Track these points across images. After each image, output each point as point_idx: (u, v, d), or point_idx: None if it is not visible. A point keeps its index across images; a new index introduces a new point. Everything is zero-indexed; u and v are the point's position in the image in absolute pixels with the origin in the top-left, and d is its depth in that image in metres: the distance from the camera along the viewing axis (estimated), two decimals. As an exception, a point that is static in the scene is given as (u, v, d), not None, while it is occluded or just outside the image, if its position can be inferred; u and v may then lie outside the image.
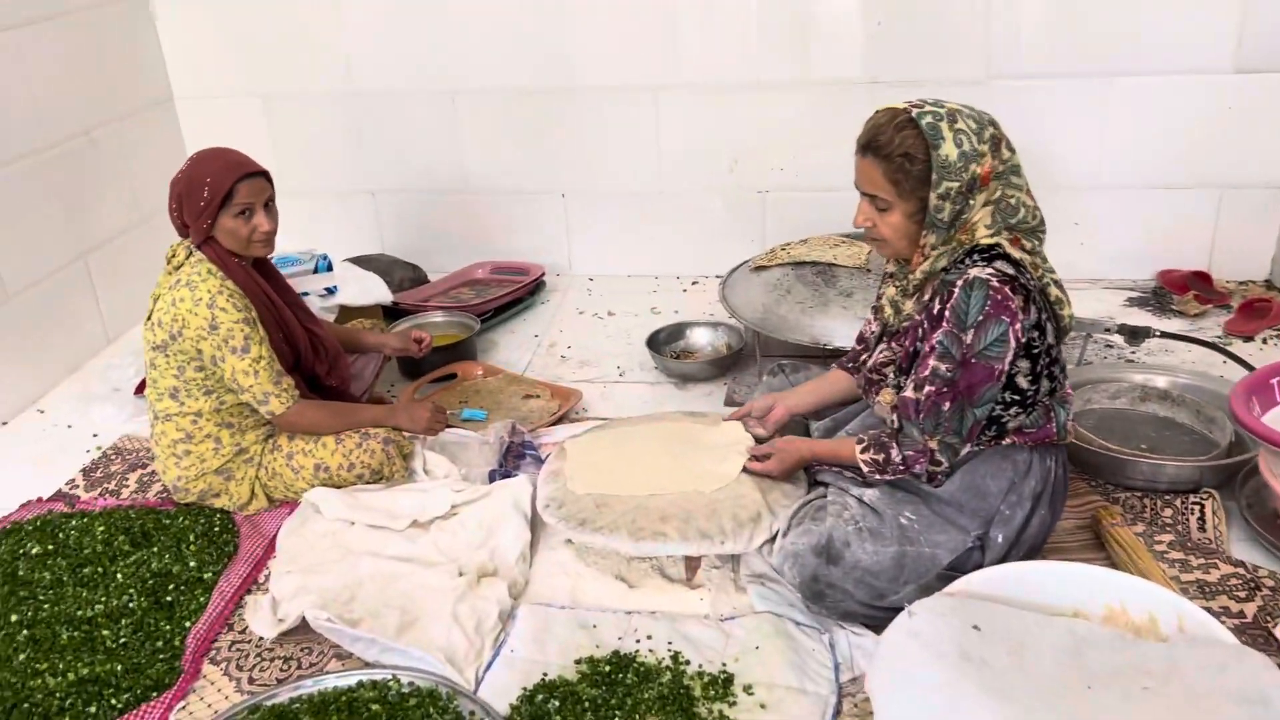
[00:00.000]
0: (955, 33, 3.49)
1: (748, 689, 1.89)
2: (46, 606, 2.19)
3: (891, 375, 2.09)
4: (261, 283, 2.49)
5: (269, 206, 2.43)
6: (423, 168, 4.03)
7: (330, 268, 3.48)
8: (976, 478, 2.00)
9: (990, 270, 1.85)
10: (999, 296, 1.83)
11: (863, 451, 2.03)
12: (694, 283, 3.97)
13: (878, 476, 2.02)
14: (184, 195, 2.38)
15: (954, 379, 1.87)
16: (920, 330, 1.98)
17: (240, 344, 2.36)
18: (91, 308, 3.56)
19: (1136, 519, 2.33)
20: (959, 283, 1.86)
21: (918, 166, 1.85)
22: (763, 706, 1.85)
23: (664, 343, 3.33)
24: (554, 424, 2.91)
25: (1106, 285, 3.70)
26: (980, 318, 1.83)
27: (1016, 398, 1.96)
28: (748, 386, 3.04)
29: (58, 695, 1.96)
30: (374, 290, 3.39)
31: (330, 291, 3.28)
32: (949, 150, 1.84)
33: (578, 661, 1.99)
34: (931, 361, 1.89)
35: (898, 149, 1.86)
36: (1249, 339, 3.23)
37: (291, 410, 2.45)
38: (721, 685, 1.90)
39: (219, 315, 2.34)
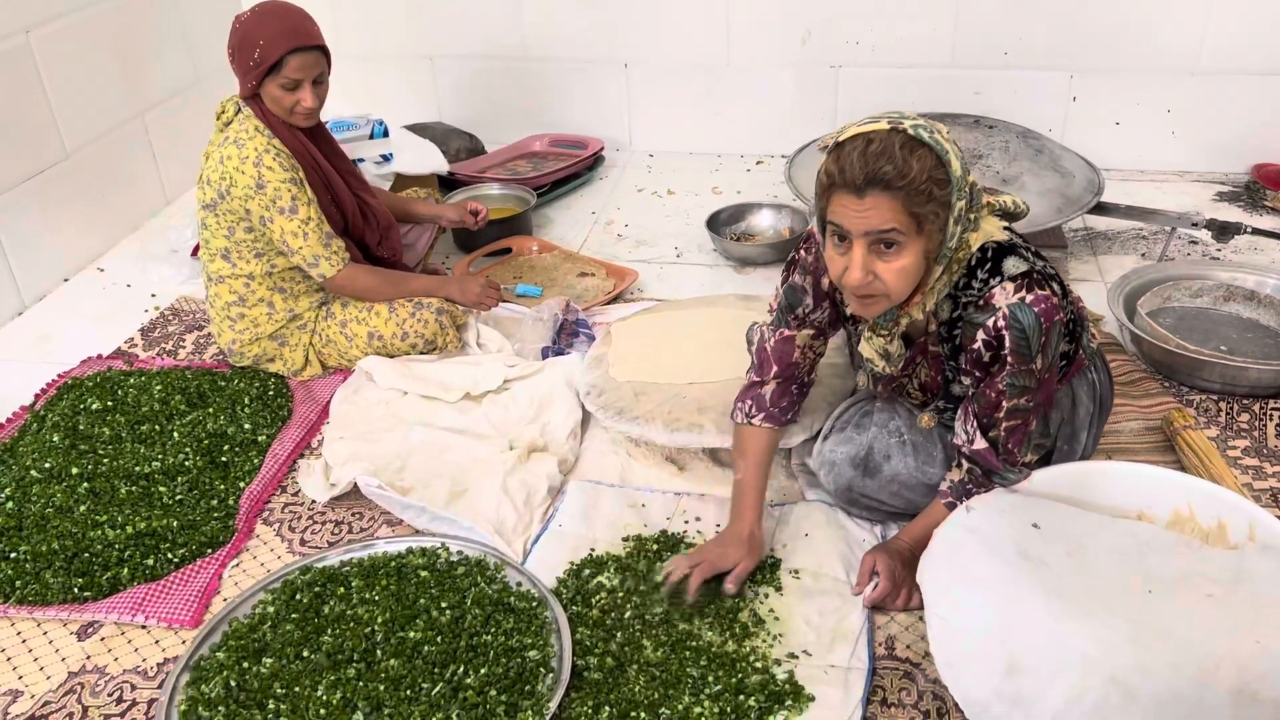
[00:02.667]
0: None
1: (794, 573, 1.88)
2: (106, 461, 2.24)
3: (920, 395, 1.89)
4: (309, 145, 2.44)
5: (318, 83, 2.36)
6: (482, 33, 3.91)
7: (386, 134, 3.42)
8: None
9: (1012, 287, 1.62)
10: (1042, 306, 1.60)
11: (950, 505, 1.76)
12: (758, 162, 3.86)
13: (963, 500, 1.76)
14: (237, 48, 2.33)
15: (1034, 404, 1.69)
16: (948, 363, 1.76)
17: (288, 204, 2.34)
18: (149, 167, 3.55)
19: (1210, 423, 2.25)
20: (1000, 324, 1.61)
21: (943, 192, 1.52)
22: (808, 593, 1.84)
23: (724, 224, 3.25)
24: (608, 303, 2.87)
25: (1195, 178, 3.52)
26: (1042, 339, 1.61)
27: (1064, 363, 1.84)
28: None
29: (117, 547, 2.01)
30: (430, 159, 3.34)
31: (386, 159, 3.23)
32: (956, 164, 1.54)
33: (625, 539, 1.99)
34: (1007, 403, 1.67)
35: (919, 176, 1.49)
36: (1345, 240, 3.06)
37: (342, 274, 2.44)
38: (768, 569, 1.89)
39: (265, 174, 2.32)
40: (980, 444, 1.73)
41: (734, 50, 3.74)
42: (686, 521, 2.03)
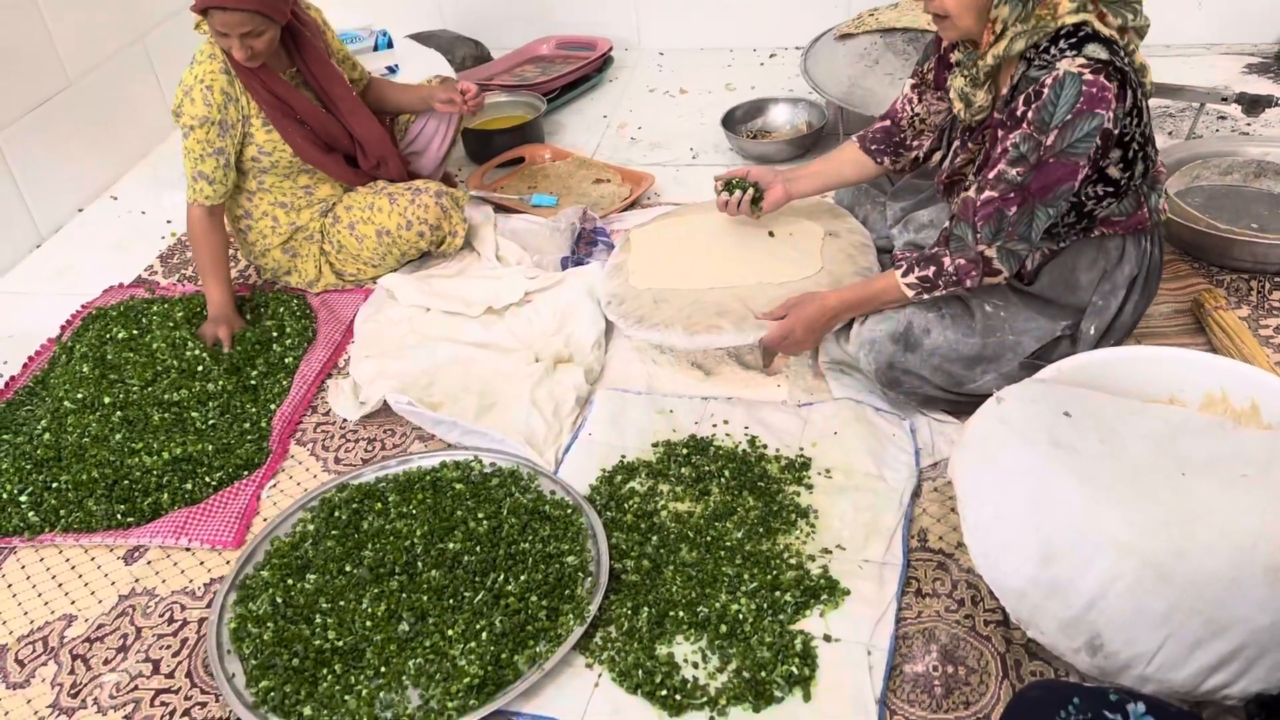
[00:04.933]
0: None
1: (826, 472, 1.90)
2: (136, 389, 2.26)
3: (971, 177, 1.92)
4: (265, 80, 2.37)
5: (253, 36, 2.26)
6: (482, -66, 3.80)
7: (390, 44, 3.35)
8: (1066, 271, 1.90)
9: (1081, 60, 1.64)
10: (1093, 90, 1.63)
11: (906, 274, 1.86)
12: (772, 55, 3.76)
13: (925, 296, 1.87)
14: None
15: (1024, 184, 1.71)
16: (1000, 130, 1.78)
17: (186, 129, 2.36)
18: (154, 91, 3.50)
19: (1241, 302, 2.22)
20: (1048, 81, 1.66)
21: None
22: (840, 490, 1.86)
23: (740, 121, 3.18)
24: (625, 209, 2.84)
25: (1224, 50, 3.41)
26: (1069, 116, 1.64)
27: (1109, 189, 1.82)
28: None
29: (154, 473, 2.05)
30: (436, 68, 3.26)
31: (391, 70, 3.18)
32: None
33: (655, 445, 2.01)
34: (1001, 165, 1.72)
35: None
36: (1380, 109, 2.97)
37: (191, 209, 2.42)
38: (798, 468, 1.91)
39: (185, 105, 2.34)
40: (971, 192, 1.78)
41: (742, -61, 3.62)
42: (714, 425, 2.04)
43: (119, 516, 1.98)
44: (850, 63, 2.89)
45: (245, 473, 2.08)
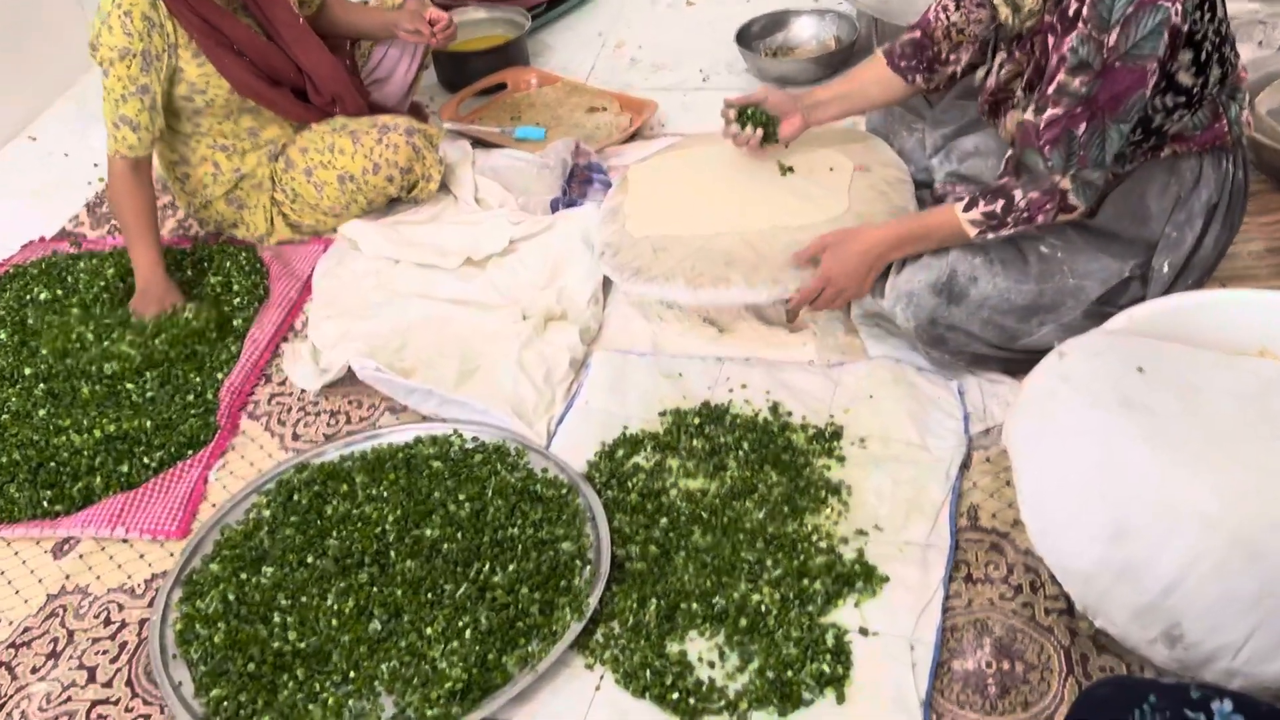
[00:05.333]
0: None
1: (860, 441, 1.89)
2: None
3: (1020, 94, 1.90)
4: (194, 2, 2.33)
5: None
6: None
7: (349, -45, 3.30)
8: (1133, 200, 1.87)
9: None
10: None
11: (968, 209, 1.83)
12: (793, -39, 3.71)
13: (990, 236, 1.84)
14: None
15: (1090, 94, 1.69)
16: (1051, 36, 1.76)
17: (107, 65, 2.31)
18: (76, 15, 3.46)
19: (1343, 238, 2.20)
20: None
21: None
22: (877, 462, 1.84)
23: (757, 37, 3.15)
24: (625, 142, 2.82)
25: (1322, -53, 3.35)
26: (1130, 9, 1.62)
27: (1180, 99, 1.78)
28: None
29: (85, 453, 2.04)
30: (403, -19, 3.23)
31: (350, -15, 3.13)
32: None
33: (662, 414, 2.00)
34: (1061, 76, 1.70)
35: None
36: None
37: (115, 162, 2.36)
38: (829, 438, 1.90)
39: (103, 35, 2.29)
40: (1030, 116, 1.76)
41: None
42: (731, 390, 2.03)
43: (45, 504, 1.98)
44: (886, -34, 2.84)
45: (189, 452, 2.07)
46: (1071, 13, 1.69)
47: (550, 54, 3.36)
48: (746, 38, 3.12)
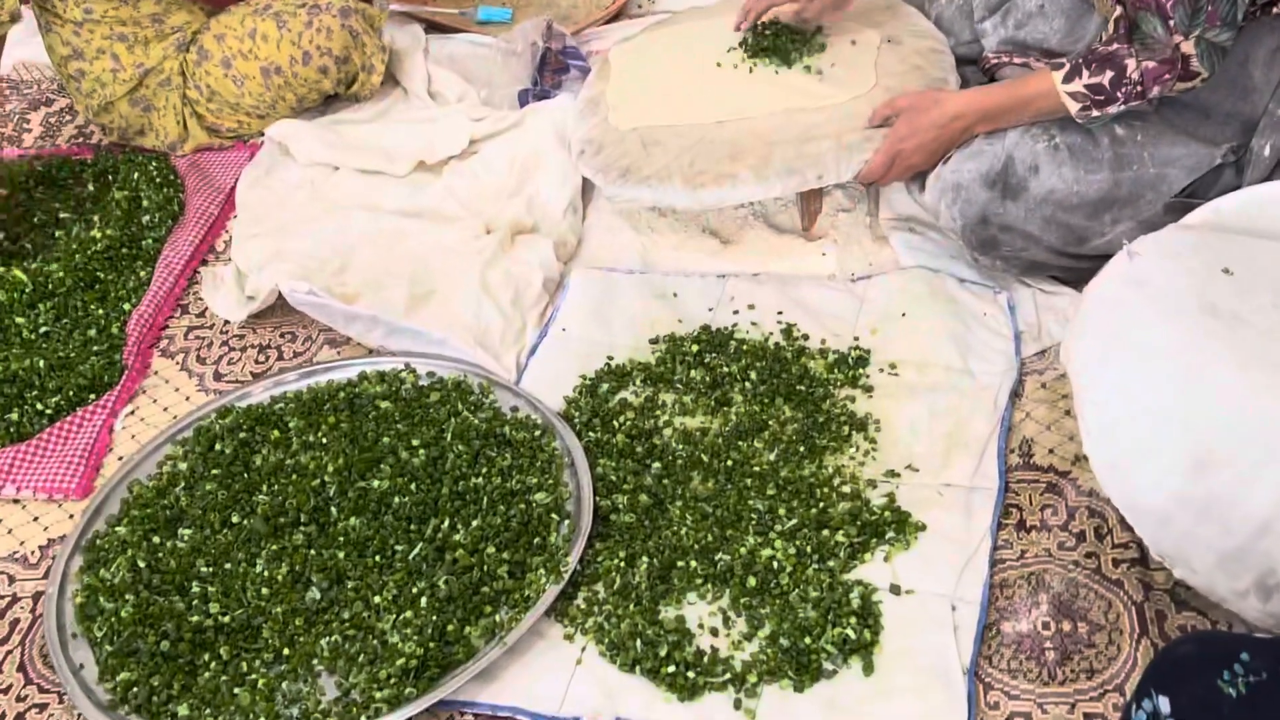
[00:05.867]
0: None
1: (891, 368, 1.86)
2: (-64, 289, 2.22)
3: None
4: None
5: None
6: None
7: None
8: (1234, 67, 1.82)
9: None
10: None
11: (1069, 79, 1.78)
12: None
13: (1096, 113, 1.78)
14: None
15: None
16: None
17: None
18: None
19: None
20: None
21: None
22: (912, 391, 1.82)
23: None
24: (607, 22, 2.79)
25: None
26: None
27: None
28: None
29: (-34, 400, 2.01)
30: None
31: None
32: None
33: (653, 341, 1.98)
34: None
35: None
36: None
37: None
38: (853, 365, 1.88)
39: None
40: None
41: None
42: (736, 311, 2.01)
43: (-79, 460, 1.95)
44: None
45: (91, 396, 2.05)
46: None
47: (516, -81, 3.30)
48: (750, -106, 3.04)
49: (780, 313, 1.99)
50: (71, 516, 1.86)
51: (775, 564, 1.59)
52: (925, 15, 2.27)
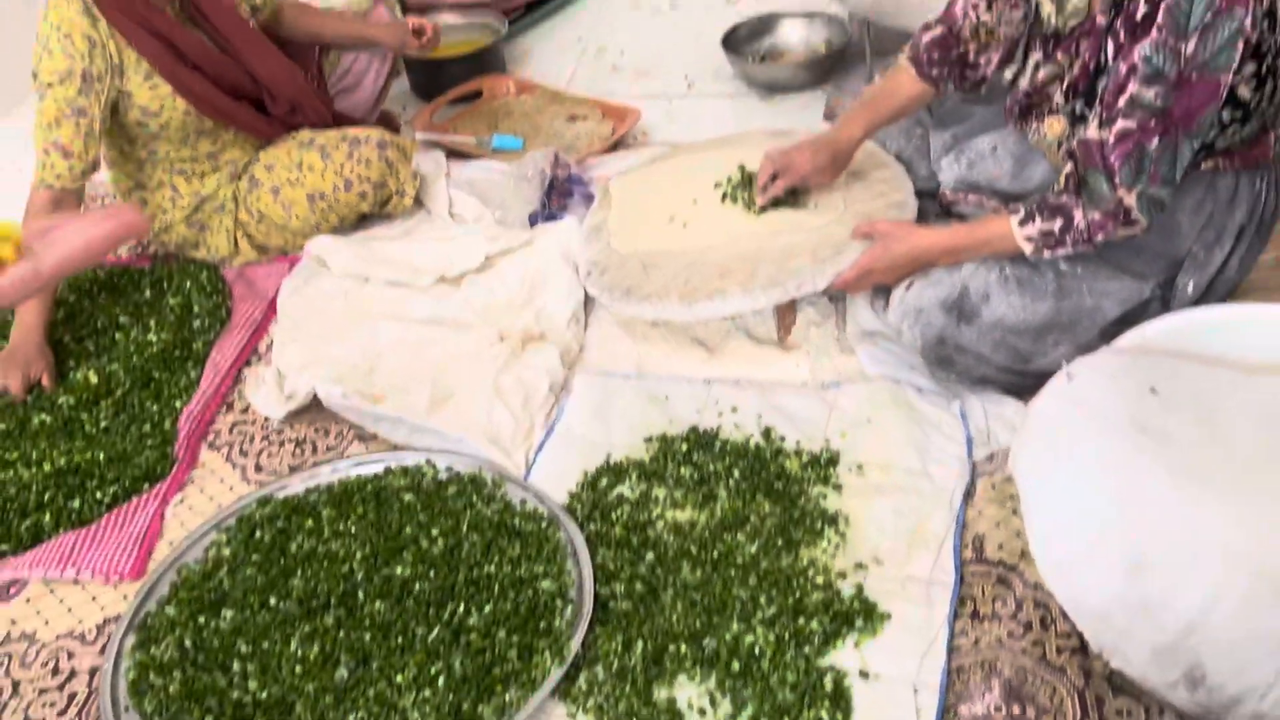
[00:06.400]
0: None
1: (858, 468, 1.85)
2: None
3: (1060, 99, 1.86)
4: (144, 14, 2.26)
5: None
6: None
7: (316, -42, 3.27)
8: (1166, 213, 1.82)
9: None
10: None
11: (1024, 223, 1.79)
12: (781, -39, 3.69)
13: (1047, 254, 1.79)
14: None
15: (1165, 108, 1.65)
16: (1108, 39, 1.73)
17: (41, 88, 2.23)
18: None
19: (1362, 251, 2.16)
20: None
21: None
22: (877, 491, 1.81)
23: (744, 42, 3.13)
24: (607, 152, 2.79)
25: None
26: (1209, 16, 1.59)
27: (1237, 112, 1.75)
28: (854, 95, 2.85)
29: (34, 488, 1.99)
30: (371, -16, 3.19)
31: (317, -11, 3.09)
32: None
33: (647, 440, 1.96)
34: (1133, 87, 1.64)
35: None
36: None
37: (36, 194, 2.24)
38: (824, 465, 1.86)
39: (44, 60, 2.22)
40: (1095, 133, 1.71)
41: None
42: (720, 414, 1.99)
43: (-10, 544, 1.93)
44: (878, -34, 2.82)
45: (145, 485, 2.03)
46: (1140, 17, 1.64)
47: (528, 60, 3.34)
48: (733, 42, 3.09)
49: (760, 416, 1.98)
50: (126, 597, 1.84)
51: (757, 649, 1.57)
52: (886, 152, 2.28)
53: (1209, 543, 1.33)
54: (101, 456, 2.05)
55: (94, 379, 2.19)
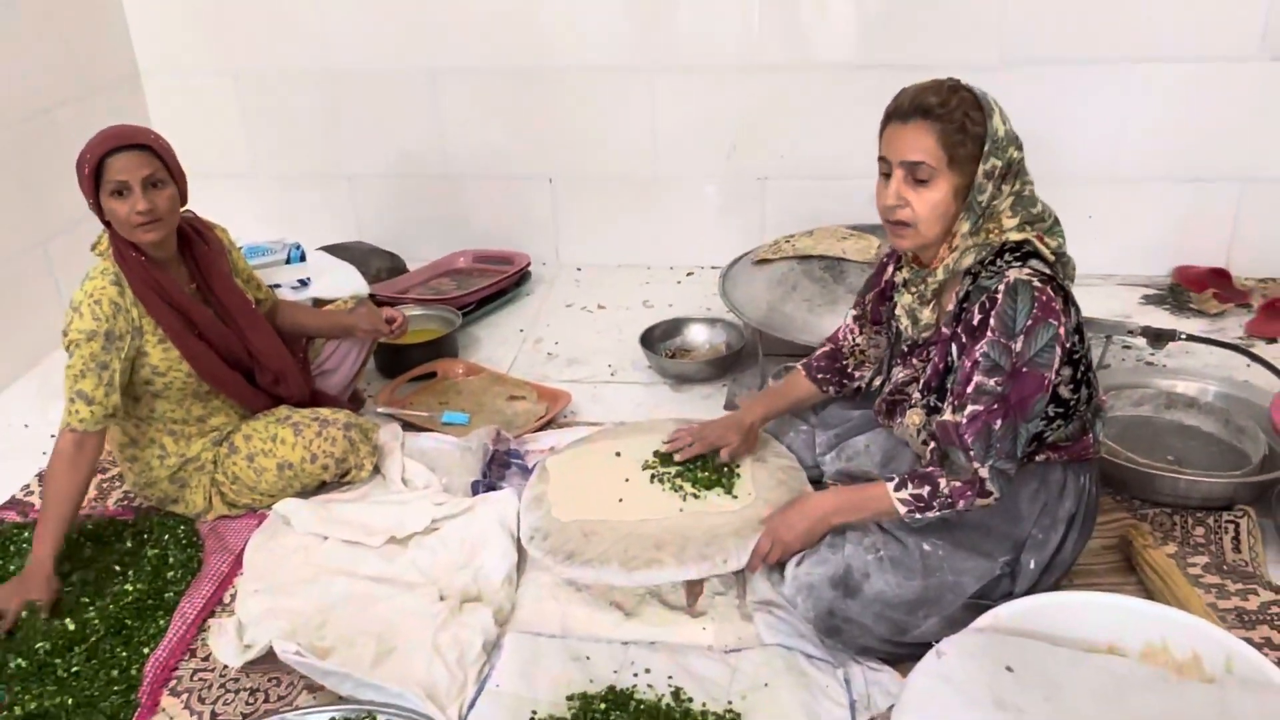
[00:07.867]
0: (968, 13, 3.34)
1: (755, 730, 1.76)
2: (-7, 631, 2.04)
3: (918, 395, 1.93)
4: (163, 282, 2.27)
5: (155, 186, 2.19)
6: (402, 151, 3.86)
7: (304, 258, 3.32)
8: (1008, 500, 1.86)
9: (1029, 271, 1.72)
10: (1044, 298, 1.70)
11: (898, 489, 1.81)
12: (689, 274, 3.83)
13: (918, 516, 1.81)
14: (76, 168, 2.19)
15: (1004, 394, 1.72)
16: (953, 344, 1.82)
17: (70, 346, 2.21)
18: (52, 297, 3.38)
19: (1166, 538, 2.21)
20: (1000, 287, 1.71)
21: (976, 129, 1.70)
22: (772, 750, 1.72)
23: (658, 340, 3.19)
24: (540, 429, 2.77)
25: (1120, 282, 3.57)
26: (1029, 322, 1.69)
27: (1059, 410, 1.82)
28: (749, 389, 2.90)
29: (-1, 734, 1.81)
30: (349, 282, 3.22)
31: (303, 284, 3.12)
32: (998, 124, 1.72)
33: (570, 698, 1.85)
34: (977, 377, 1.73)
35: (957, 110, 1.69)
36: (1272, 341, 3.11)
37: (65, 436, 2.21)
38: (724, 727, 1.77)
39: (74, 321, 2.21)
40: (949, 416, 1.76)
41: (659, 163, 3.73)
42: (635, 675, 1.90)
43: (-50, 789, 1.74)
44: (768, 287, 2.93)
45: (107, 731, 1.86)
46: (976, 322, 1.74)
47: (478, 346, 3.36)
48: (649, 340, 3.15)
49: (670, 677, 1.89)
50: (74, 847, 1.65)
51: None
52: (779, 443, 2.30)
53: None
54: (70, 701, 1.88)
55: (71, 626, 2.04)
